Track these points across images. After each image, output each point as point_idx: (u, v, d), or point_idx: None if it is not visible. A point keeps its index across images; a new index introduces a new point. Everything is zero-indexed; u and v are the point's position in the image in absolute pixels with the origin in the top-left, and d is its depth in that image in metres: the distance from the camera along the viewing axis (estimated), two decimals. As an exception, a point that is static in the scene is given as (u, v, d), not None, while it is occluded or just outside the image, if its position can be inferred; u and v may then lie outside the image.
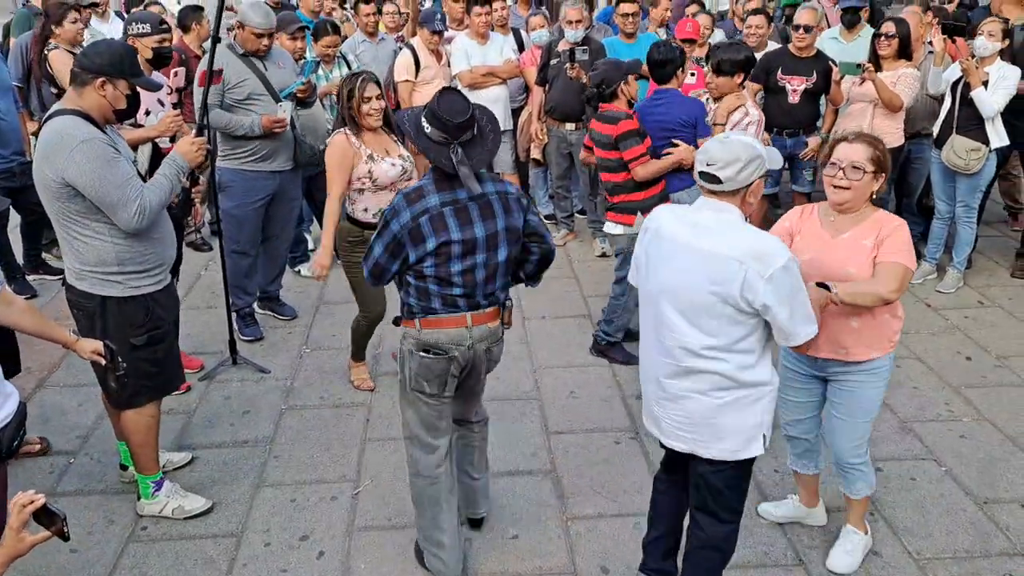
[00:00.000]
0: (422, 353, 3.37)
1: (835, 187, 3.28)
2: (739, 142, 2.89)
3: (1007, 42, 6.06)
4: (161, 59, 4.91)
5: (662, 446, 3.26)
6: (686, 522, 3.36)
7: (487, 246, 3.28)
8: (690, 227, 2.90)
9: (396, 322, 3.48)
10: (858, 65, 5.88)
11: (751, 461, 3.07)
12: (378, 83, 4.66)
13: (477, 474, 3.88)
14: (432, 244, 3.19)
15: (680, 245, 2.89)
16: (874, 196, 3.32)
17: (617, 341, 5.46)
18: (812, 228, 3.43)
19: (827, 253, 3.32)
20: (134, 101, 3.64)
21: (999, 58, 6.00)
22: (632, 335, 5.30)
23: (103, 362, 3.49)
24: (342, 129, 4.62)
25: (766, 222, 5.81)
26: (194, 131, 4.16)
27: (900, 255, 3.22)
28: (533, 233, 3.47)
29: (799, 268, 2.83)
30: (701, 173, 2.88)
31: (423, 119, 3.22)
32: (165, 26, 4.97)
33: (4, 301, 3.25)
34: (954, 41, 5.97)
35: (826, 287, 3.13)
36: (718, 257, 2.79)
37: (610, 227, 5.23)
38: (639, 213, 5.00)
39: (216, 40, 4.58)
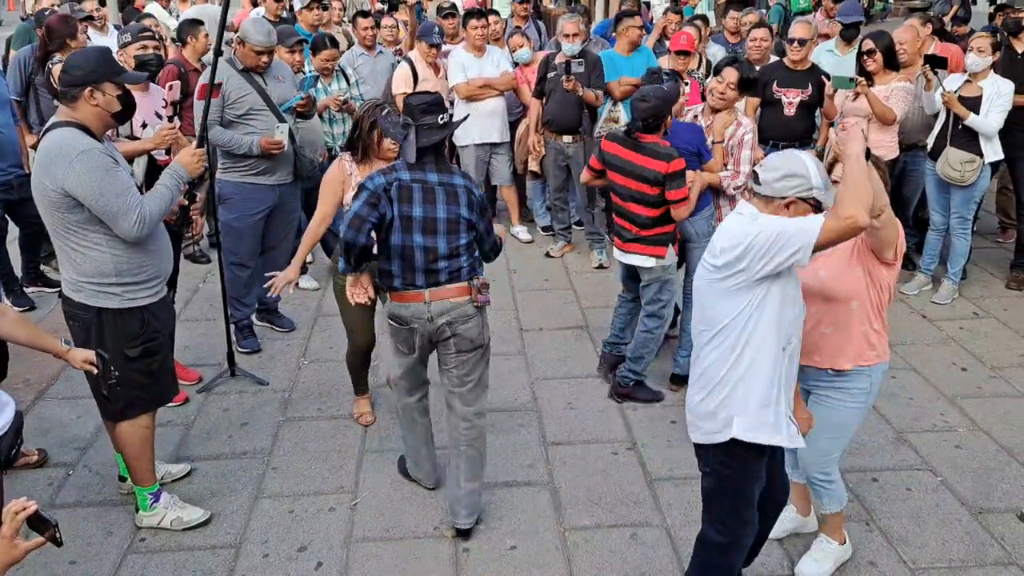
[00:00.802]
0: (391, 321, 3.87)
1: None
2: (795, 156, 3.00)
3: (997, 55, 6.12)
4: (143, 67, 4.91)
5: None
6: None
7: (448, 228, 3.66)
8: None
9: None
10: (851, 79, 5.92)
11: (738, 450, 3.02)
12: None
13: (464, 482, 3.93)
14: (396, 210, 3.60)
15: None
16: None
17: (643, 379, 5.21)
18: None
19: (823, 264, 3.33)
20: (127, 100, 3.65)
21: (992, 71, 6.05)
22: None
23: (95, 371, 3.52)
24: (344, 154, 4.57)
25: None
26: (195, 142, 4.18)
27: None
28: (479, 239, 3.83)
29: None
30: (752, 172, 3.07)
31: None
32: (147, 33, 4.99)
33: None
34: (936, 73, 6.00)
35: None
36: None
37: (643, 260, 4.93)
38: (670, 245, 4.88)
39: (218, 53, 4.60)
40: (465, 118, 4.62)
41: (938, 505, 4.20)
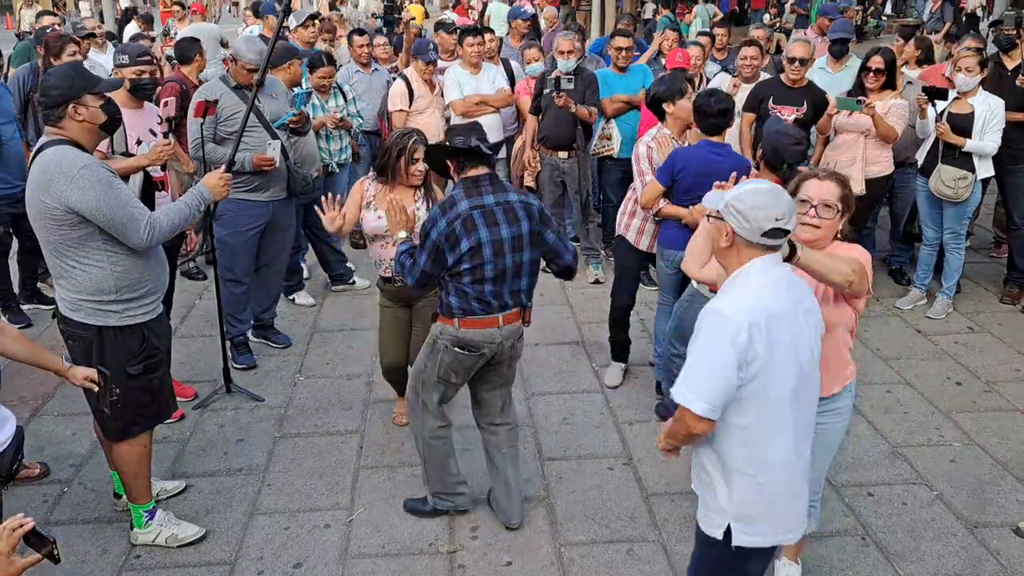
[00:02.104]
0: (457, 348, 3.83)
1: (805, 224, 3.17)
2: (776, 191, 2.72)
3: (985, 71, 6.16)
4: (138, 90, 4.94)
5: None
6: None
7: (513, 247, 3.73)
8: (788, 289, 2.73)
9: None
10: (858, 101, 5.90)
11: (724, 548, 2.79)
12: (426, 143, 4.55)
13: (514, 481, 4.16)
14: (466, 245, 3.64)
15: (790, 315, 2.69)
16: (839, 236, 3.26)
17: None
18: None
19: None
20: (112, 109, 3.66)
21: (980, 88, 6.09)
22: None
23: (96, 389, 3.52)
24: (368, 176, 4.67)
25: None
26: (223, 166, 4.18)
27: (855, 252, 3.18)
28: (550, 250, 3.92)
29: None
30: (769, 231, 2.62)
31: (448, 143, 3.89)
32: (145, 57, 5.01)
33: None
34: (934, 104, 6.01)
35: (792, 246, 2.86)
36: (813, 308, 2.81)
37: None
38: None
39: (260, 85, 4.58)
40: (500, 144, 4.65)
41: (934, 519, 4.21)
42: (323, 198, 4.49)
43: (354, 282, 7.17)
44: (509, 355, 3.98)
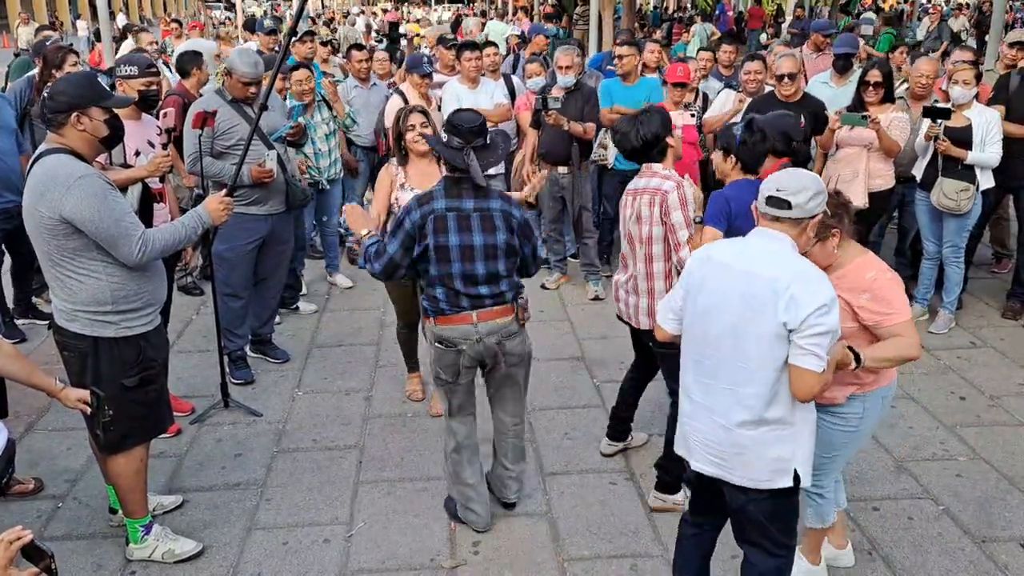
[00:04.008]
0: (437, 344, 3.94)
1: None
2: (807, 174, 2.99)
3: (981, 84, 6.17)
4: (147, 101, 4.91)
5: (687, 481, 3.28)
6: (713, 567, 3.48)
7: (485, 255, 3.77)
8: (738, 253, 2.98)
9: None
10: (863, 116, 5.87)
11: (791, 491, 3.02)
12: (424, 112, 4.87)
13: (511, 465, 4.27)
14: (432, 241, 3.70)
15: (729, 268, 2.96)
16: (836, 251, 3.28)
17: None
18: None
19: None
20: (116, 124, 3.63)
21: (975, 101, 6.10)
22: None
23: (88, 411, 3.47)
24: (391, 160, 4.88)
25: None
26: (226, 190, 4.14)
27: (897, 314, 3.24)
28: (522, 261, 3.99)
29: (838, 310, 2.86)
30: (769, 198, 2.93)
31: (443, 131, 3.83)
32: (153, 69, 4.97)
33: None
34: (936, 122, 5.98)
35: (855, 354, 3.10)
36: (764, 277, 2.85)
37: None
38: None
39: (264, 107, 4.54)
40: (514, 143, 4.67)
41: (940, 534, 4.16)
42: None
43: (297, 307, 6.92)
44: (502, 352, 3.94)
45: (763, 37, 20.17)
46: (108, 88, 3.85)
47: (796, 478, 2.97)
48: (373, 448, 4.92)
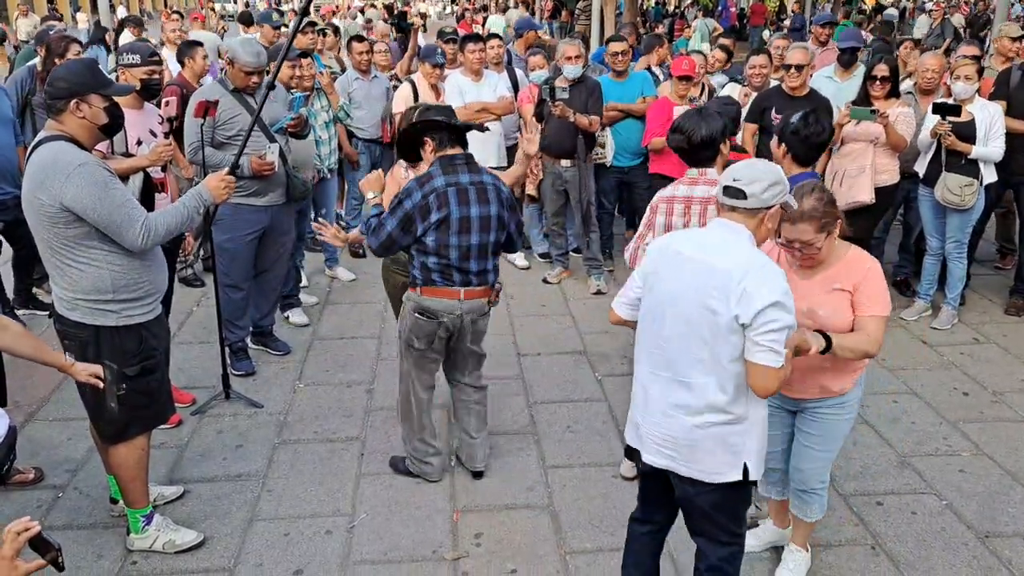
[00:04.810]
0: (417, 315, 4.12)
1: (805, 257, 3.30)
2: (765, 164, 2.98)
3: (983, 79, 6.15)
4: (149, 90, 4.88)
5: (638, 469, 3.25)
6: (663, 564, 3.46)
7: (481, 226, 4.00)
8: (696, 242, 2.95)
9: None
10: (872, 111, 5.85)
11: (740, 484, 2.99)
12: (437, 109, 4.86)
13: (475, 433, 4.51)
14: (435, 217, 3.89)
15: (685, 258, 2.92)
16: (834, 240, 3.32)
17: None
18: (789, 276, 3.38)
19: (796, 296, 3.21)
20: (115, 112, 3.60)
21: (977, 95, 6.09)
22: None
23: (101, 385, 3.44)
24: (398, 163, 4.76)
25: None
26: (227, 169, 4.08)
27: (877, 306, 3.27)
28: (508, 236, 4.21)
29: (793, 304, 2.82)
30: (725, 188, 2.90)
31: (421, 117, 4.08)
32: (156, 58, 4.94)
33: (0, 325, 3.21)
34: (944, 118, 5.96)
35: (826, 338, 3.12)
36: (718, 270, 2.81)
37: None
38: None
39: (271, 86, 4.50)
40: (484, 127, 4.61)
41: (944, 529, 4.15)
42: (317, 219, 4.57)
43: (288, 317, 6.58)
44: (472, 330, 4.26)
45: (765, 34, 20.15)
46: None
47: (746, 471, 2.95)
48: (375, 440, 4.90)
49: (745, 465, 2.94)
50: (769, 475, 3.77)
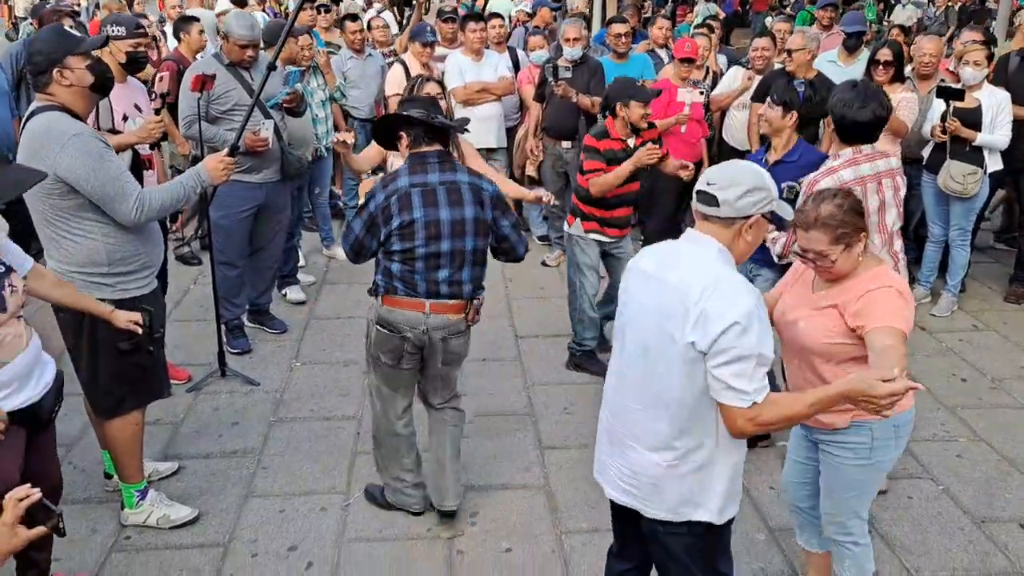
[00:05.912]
0: (379, 326, 3.71)
1: (819, 269, 2.98)
2: (747, 167, 2.63)
3: (992, 65, 6.10)
4: (134, 64, 4.80)
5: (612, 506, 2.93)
6: None
7: (452, 231, 3.55)
8: (658, 258, 2.65)
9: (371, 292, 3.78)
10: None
11: (711, 527, 2.64)
12: (440, 83, 4.76)
13: (447, 462, 3.95)
14: (397, 222, 3.51)
15: (647, 276, 2.63)
16: (860, 258, 2.94)
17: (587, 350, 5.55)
18: (801, 287, 3.13)
19: (793, 305, 3.07)
20: (100, 69, 3.53)
21: (985, 82, 6.05)
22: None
23: (140, 330, 3.45)
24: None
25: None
26: (226, 150, 4.01)
27: (874, 318, 2.80)
28: (504, 239, 3.75)
29: (764, 329, 2.43)
30: (698, 192, 2.55)
31: (403, 112, 3.65)
32: (141, 30, 4.86)
33: (36, 275, 3.24)
34: (949, 104, 5.88)
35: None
36: (676, 289, 2.48)
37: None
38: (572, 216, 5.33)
39: (272, 67, 4.44)
40: (466, 121, 4.48)
41: (940, 513, 4.14)
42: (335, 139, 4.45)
43: (285, 294, 6.58)
44: (443, 349, 3.73)
45: (768, 20, 20.03)
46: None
47: (714, 513, 2.61)
48: (371, 420, 4.87)
49: (712, 506, 2.60)
50: (795, 515, 3.50)
